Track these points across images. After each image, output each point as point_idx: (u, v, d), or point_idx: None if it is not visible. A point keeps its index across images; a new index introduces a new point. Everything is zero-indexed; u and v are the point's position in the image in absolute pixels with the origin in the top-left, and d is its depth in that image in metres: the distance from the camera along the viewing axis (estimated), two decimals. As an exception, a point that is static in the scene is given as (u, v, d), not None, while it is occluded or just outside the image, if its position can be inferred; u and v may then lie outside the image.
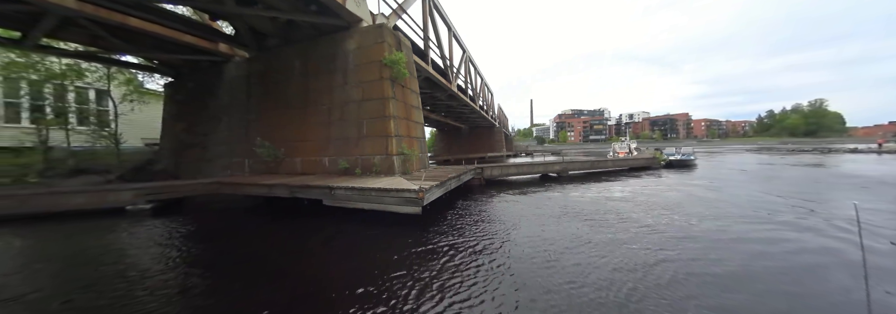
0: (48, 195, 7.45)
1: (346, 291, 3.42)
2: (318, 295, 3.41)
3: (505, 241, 5.06)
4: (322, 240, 5.39)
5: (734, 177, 14.03)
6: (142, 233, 6.09)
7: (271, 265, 4.29)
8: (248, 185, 7.63)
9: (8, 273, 4.21)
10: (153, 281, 3.84)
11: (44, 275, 4.16)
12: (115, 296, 3.46)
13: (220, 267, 4.30)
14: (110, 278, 3.95)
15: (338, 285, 3.60)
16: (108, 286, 3.73)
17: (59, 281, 3.97)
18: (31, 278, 4.05)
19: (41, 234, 6.19)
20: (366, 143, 8.54)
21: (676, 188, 10.77)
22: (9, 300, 3.41)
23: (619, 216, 6.67)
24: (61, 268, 4.45)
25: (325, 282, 3.75)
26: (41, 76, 12.59)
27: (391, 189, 5.91)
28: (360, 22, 8.97)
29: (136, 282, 3.82)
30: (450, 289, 3.45)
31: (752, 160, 24.58)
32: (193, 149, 12.16)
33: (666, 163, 18.54)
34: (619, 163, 16.55)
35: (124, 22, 8.52)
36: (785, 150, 41.81)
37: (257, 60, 10.72)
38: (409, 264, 4.14)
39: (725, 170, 17.10)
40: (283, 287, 3.59)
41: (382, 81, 8.43)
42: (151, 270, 4.18)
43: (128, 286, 3.71)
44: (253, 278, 3.87)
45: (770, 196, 8.78)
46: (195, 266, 4.33)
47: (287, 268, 4.20)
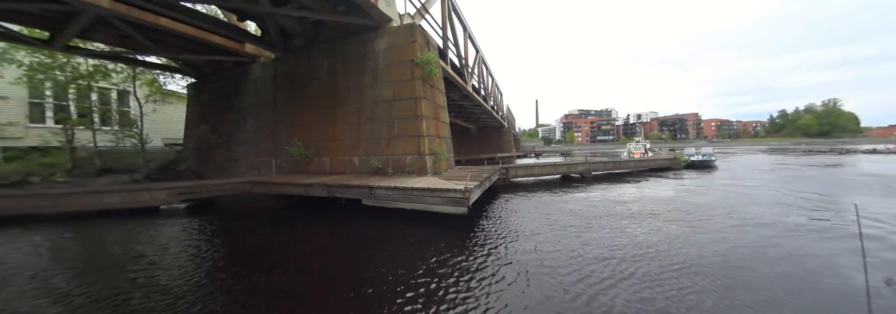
0: (85, 195, 7.50)
1: (408, 295, 3.32)
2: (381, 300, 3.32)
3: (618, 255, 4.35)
4: (366, 241, 5.29)
5: (762, 176, 13.87)
6: (187, 232, 6.09)
7: (317, 264, 4.22)
8: (283, 184, 7.60)
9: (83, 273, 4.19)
10: (218, 283, 3.78)
11: (116, 276, 4.12)
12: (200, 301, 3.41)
13: (276, 272, 4.23)
14: (186, 283, 3.90)
15: (396, 290, 3.50)
16: (186, 291, 3.68)
17: (128, 281, 3.93)
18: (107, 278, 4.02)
19: (91, 234, 6.18)
20: (397, 142, 8.46)
21: (714, 189, 10.72)
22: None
23: (694, 215, 6.64)
24: (126, 268, 4.41)
25: (382, 286, 3.65)
26: (68, 77, 12.71)
27: (436, 189, 5.82)
28: (390, 22, 8.94)
29: (204, 284, 3.76)
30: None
31: (770, 161, 24.16)
32: (218, 149, 12.20)
33: (687, 163, 18.25)
34: (642, 163, 16.33)
35: (156, 22, 8.54)
36: (800, 150, 41.05)
37: (284, 61, 10.71)
38: (474, 272, 4.03)
39: (750, 171, 16.82)
40: (339, 289, 3.51)
41: (414, 81, 8.36)
42: (215, 272, 4.13)
43: (204, 289, 3.66)
44: (307, 279, 3.80)
45: (810, 196, 8.61)
46: (252, 272, 4.26)
47: (339, 271, 4.11)
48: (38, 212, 7.29)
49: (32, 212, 7.29)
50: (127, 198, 7.47)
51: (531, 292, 3.33)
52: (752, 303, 3.07)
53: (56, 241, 5.67)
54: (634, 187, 11.31)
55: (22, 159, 13.18)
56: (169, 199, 7.62)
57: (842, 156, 29.47)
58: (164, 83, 16.19)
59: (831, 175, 14.78)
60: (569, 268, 3.95)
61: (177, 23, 8.93)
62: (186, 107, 13.85)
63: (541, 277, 3.67)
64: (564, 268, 3.93)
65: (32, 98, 14.75)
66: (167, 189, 7.63)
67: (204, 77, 13.57)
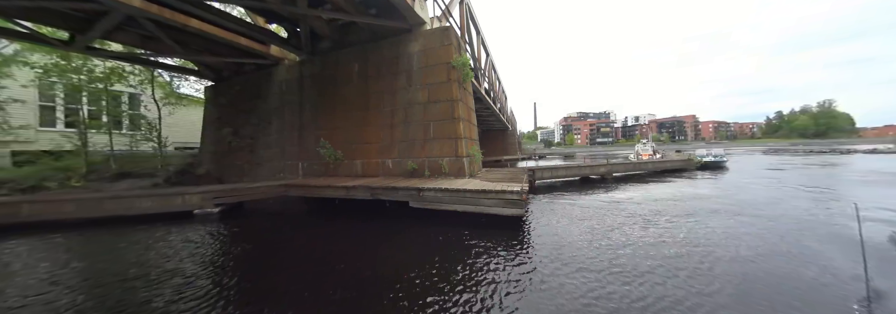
0: (115, 199, 7.28)
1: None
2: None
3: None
4: (423, 246, 5.14)
5: (781, 175, 14.02)
6: (233, 238, 5.92)
7: (385, 271, 4.06)
8: (322, 187, 7.45)
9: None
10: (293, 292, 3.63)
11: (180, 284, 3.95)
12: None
13: (347, 277, 4.07)
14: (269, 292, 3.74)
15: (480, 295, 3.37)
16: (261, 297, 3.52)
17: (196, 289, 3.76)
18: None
19: (133, 239, 5.96)
20: (433, 144, 8.35)
21: (745, 187, 10.95)
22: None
23: (758, 210, 6.91)
24: (188, 277, 4.23)
25: (465, 291, 3.51)
26: (82, 80, 12.47)
27: (490, 190, 5.71)
28: (423, 24, 8.89)
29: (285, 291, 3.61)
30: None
31: (775, 161, 24.40)
32: (239, 152, 12.00)
33: (700, 165, 18.32)
34: (658, 165, 16.38)
35: (186, 23, 8.40)
36: (801, 151, 41.50)
37: (310, 63, 10.60)
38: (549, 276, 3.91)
39: (761, 170, 17.00)
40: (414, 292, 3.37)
41: (450, 83, 8.28)
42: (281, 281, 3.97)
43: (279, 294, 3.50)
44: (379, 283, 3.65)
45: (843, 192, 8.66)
46: (322, 279, 4.11)
47: (420, 280, 3.96)
48: (65, 218, 7.07)
49: (59, 218, 7.07)
50: (160, 203, 7.27)
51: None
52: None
53: (110, 247, 5.46)
54: (668, 187, 11.47)
55: (34, 163, 12.87)
56: (202, 204, 7.42)
57: (844, 156, 29.89)
58: (177, 86, 15.99)
59: (847, 172, 15.10)
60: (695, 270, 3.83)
61: (206, 24, 8.80)
62: (204, 110, 13.65)
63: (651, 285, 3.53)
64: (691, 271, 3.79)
65: (42, 101, 14.52)
66: (201, 193, 7.44)
67: (221, 80, 13.40)
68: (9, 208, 6.99)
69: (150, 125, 13.22)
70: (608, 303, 3.05)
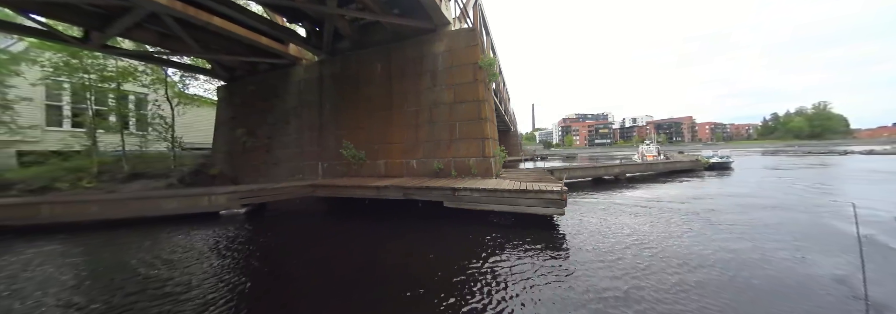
0: (140, 200, 7.15)
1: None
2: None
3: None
4: (464, 247, 5.05)
5: (788, 175, 14.37)
6: (268, 239, 5.83)
7: (430, 271, 4.00)
8: (351, 187, 7.36)
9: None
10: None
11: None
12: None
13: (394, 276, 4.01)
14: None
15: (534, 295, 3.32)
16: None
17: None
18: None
19: (171, 240, 5.83)
20: (460, 145, 8.31)
21: (762, 186, 11.18)
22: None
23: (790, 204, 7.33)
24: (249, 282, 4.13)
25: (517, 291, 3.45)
26: (94, 79, 12.25)
27: (530, 190, 5.67)
28: (448, 25, 8.87)
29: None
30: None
31: (775, 162, 24.70)
32: (255, 152, 11.86)
33: (708, 165, 18.45)
34: (669, 165, 16.48)
35: (209, 21, 8.28)
36: (800, 151, 41.99)
37: (330, 63, 10.52)
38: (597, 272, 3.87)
39: (767, 170, 17.28)
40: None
41: (477, 84, 8.25)
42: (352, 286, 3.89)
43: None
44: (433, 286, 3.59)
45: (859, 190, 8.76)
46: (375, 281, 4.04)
47: (465, 283, 3.90)
48: (88, 219, 6.91)
49: (82, 220, 6.92)
50: (186, 204, 7.14)
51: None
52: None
53: (149, 249, 5.33)
54: (690, 186, 11.69)
55: (42, 164, 12.63)
56: (229, 204, 7.30)
57: (841, 157, 30.29)
58: (187, 85, 15.76)
59: (852, 172, 15.41)
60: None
61: (227, 22, 8.68)
62: (217, 110, 13.50)
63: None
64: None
65: (49, 100, 14.28)
66: (227, 193, 7.32)
67: (234, 79, 13.26)
68: (27, 210, 6.83)
69: (166, 125, 12.99)
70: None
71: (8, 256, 5.09)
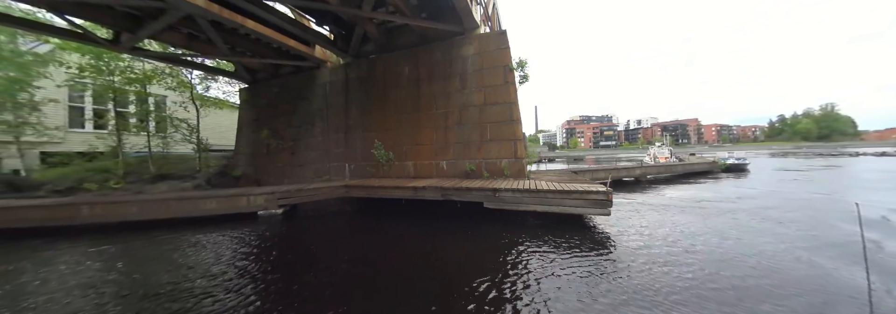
0: (179, 201, 7.22)
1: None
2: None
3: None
4: (512, 247, 5.06)
5: (808, 177, 14.42)
6: (319, 239, 5.87)
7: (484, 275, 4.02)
8: (388, 188, 7.40)
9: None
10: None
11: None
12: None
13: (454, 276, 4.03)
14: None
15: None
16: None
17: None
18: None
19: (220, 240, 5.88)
20: (491, 146, 8.34)
21: (789, 186, 11.35)
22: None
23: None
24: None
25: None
26: (121, 80, 12.39)
27: (574, 190, 5.69)
28: (477, 28, 8.93)
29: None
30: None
31: (787, 164, 24.60)
32: (279, 154, 11.95)
33: (725, 167, 18.40)
34: (688, 167, 16.47)
35: (243, 23, 8.38)
36: (810, 153, 41.71)
37: (356, 66, 10.61)
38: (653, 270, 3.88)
39: (784, 172, 17.27)
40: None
41: (508, 86, 8.30)
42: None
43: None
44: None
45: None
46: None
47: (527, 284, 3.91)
48: (128, 220, 6.98)
49: (122, 220, 6.99)
50: (225, 204, 7.20)
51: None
52: None
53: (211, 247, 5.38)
54: (720, 186, 11.92)
55: (66, 165, 12.76)
56: (267, 205, 7.36)
57: (853, 158, 30.11)
58: (207, 88, 15.87)
59: (868, 173, 15.43)
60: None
61: (259, 25, 8.78)
62: (239, 111, 13.62)
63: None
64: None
65: (72, 102, 14.46)
66: (265, 194, 7.39)
67: (256, 82, 13.38)
68: (67, 210, 6.91)
69: (191, 127, 13.11)
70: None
71: (55, 256, 5.16)
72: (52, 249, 5.53)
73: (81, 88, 13.85)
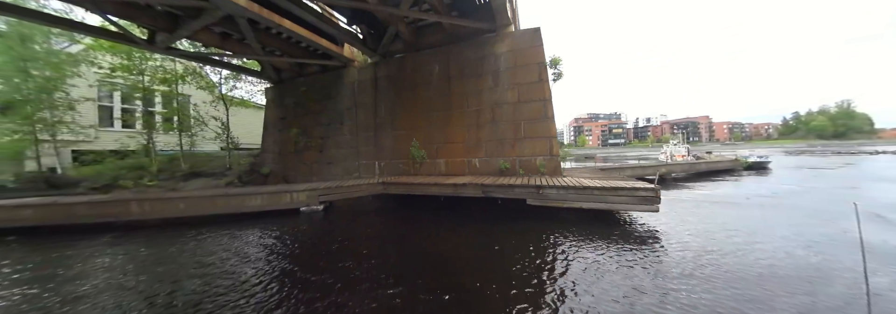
0: (225, 197, 7.40)
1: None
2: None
3: None
4: (565, 243, 5.11)
5: (833, 174, 14.33)
6: (366, 234, 5.99)
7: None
8: (425, 185, 7.51)
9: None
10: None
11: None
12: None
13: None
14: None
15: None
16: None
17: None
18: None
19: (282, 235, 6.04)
20: (525, 144, 8.39)
21: (822, 182, 11.38)
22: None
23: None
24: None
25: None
26: (149, 81, 12.65)
27: (622, 187, 5.73)
28: (509, 26, 8.94)
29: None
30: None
31: (806, 162, 24.23)
32: (307, 152, 12.12)
33: (747, 165, 18.23)
34: (711, 165, 16.35)
35: (280, 23, 8.49)
36: (827, 151, 40.95)
37: (385, 64, 10.71)
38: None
39: (808, 169, 17.08)
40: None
41: (542, 83, 8.33)
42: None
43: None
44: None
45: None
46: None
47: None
48: (176, 216, 7.17)
49: (170, 217, 7.18)
50: (268, 201, 7.37)
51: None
52: None
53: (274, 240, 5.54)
54: (752, 184, 11.79)
55: (99, 163, 13.07)
56: (308, 201, 7.51)
57: (872, 156, 29.54)
58: (231, 88, 16.10)
59: (887, 170, 15.18)
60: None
61: (295, 25, 8.89)
62: (266, 110, 13.82)
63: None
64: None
65: (100, 101, 14.78)
66: (307, 190, 7.54)
67: (281, 81, 13.55)
68: (118, 207, 7.12)
69: (224, 126, 13.36)
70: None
71: (114, 249, 5.36)
72: (123, 244, 5.74)
73: (112, 88, 14.18)
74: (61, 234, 6.41)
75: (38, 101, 11.12)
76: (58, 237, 6.24)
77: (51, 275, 4.26)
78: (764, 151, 46.11)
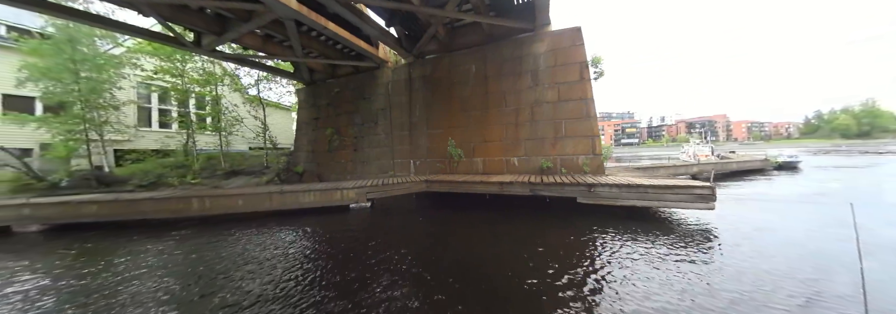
0: (281, 194, 7.66)
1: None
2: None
3: None
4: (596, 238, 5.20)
5: (869, 172, 13.96)
6: (425, 230, 6.17)
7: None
8: (470, 183, 7.69)
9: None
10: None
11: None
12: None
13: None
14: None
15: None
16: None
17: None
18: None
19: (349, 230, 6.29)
20: (566, 143, 8.48)
21: (864, 181, 11.32)
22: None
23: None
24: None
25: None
26: (190, 81, 13.12)
27: (676, 185, 5.80)
28: (548, 25, 9.03)
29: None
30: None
31: (837, 162, 23.58)
32: (341, 151, 12.42)
33: (777, 165, 17.99)
34: (742, 164, 16.17)
35: (326, 26, 8.74)
36: (854, 151, 39.68)
37: (420, 65, 10.91)
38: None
39: (843, 169, 16.65)
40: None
41: (584, 82, 8.40)
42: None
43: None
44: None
45: None
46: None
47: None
48: (234, 212, 7.49)
49: (228, 212, 7.49)
50: (320, 198, 7.64)
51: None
52: None
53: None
54: (792, 182, 11.79)
55: (141, 161, 13.60)
56: (357, 198, 7.74)
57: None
58: (259, 90, 16.54)
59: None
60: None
61: (338, 27, 9.14)
62: (298, 111, 14.21)
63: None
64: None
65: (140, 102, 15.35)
66: (356, 188, 7.78)
67: (313, 82, 13.87)
68: (182, 203, 7.46)
69: (263, 125, 13.78)
70: None
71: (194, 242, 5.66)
72: (198, 236, 6.05)
73: (153, 89, 14.74)
74: (127, 229, 6.77)
75: (88, 102, 11.62)
76: (126, 232, 6.59)
77: (157, 263, 4.57)
78: (793, 151, 45.22)
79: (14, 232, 7.03)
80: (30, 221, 7.16)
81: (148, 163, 13.34)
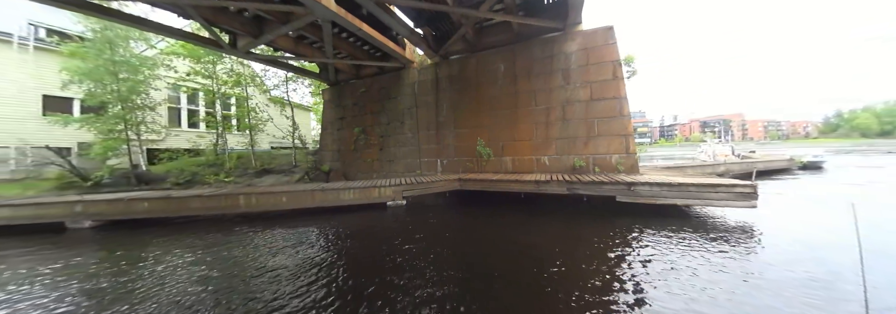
0: (324, 192, 7.89)
1: None
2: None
3: None
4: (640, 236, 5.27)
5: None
6: (476, 228, 6.33)
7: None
8: (505, 182, 7.83)
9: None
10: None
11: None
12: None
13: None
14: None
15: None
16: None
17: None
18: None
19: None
20: (599, 141, 8.55)
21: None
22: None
23: None
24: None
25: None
26: (230, 82, 13.51)
27: (718, 183, 5.85)
28: (579, 24, 9.08)
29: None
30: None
31: (861, 161, 22.97)
32: (367, 150, 12.66)
33: (802, 165, 17.77)
34: (767, 164, 15.98)
35: (360, 27, 8.93)
36: (879, 151, 38.58)
37: (446, 64, 11.07)
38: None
39: (864, 169, 16.32)
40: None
41: (617, 81, 8.45)
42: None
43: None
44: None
45: None
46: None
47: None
48: (279, 209, 7.74)
49: (273, 210, 7.75)
50: (359, 195, 7.85)
51: None
52: None
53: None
54: (812, 182, 11.65)
55: (174, 160, 14.06)
56: (394, 196, 7.94)
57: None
58: (286, 90, 16.95)
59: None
60: None
61: (372, 29, 9.33)
62: (323, 111, 14.49)
63: None
64: None
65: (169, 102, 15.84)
66: (393, 186, 7.98)
67: (338, 83, 14.14)
68: (230, 200, 7.74)
69: (293, 125, 14.13)
70: None
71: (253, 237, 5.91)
72: (252, 232, 6.31)
73: (184, 90, 15.21)
74: (175, 226, 7.08)
75: (127, 102, 12.06)
76: (176, 227, 6.90)
77: (228, 256, 4.82)
78: (818, 151, 44.18)
79: (67, 227, 7.37)
80: (83, 218, 7.49)
81: (180, 162, 13.80)
